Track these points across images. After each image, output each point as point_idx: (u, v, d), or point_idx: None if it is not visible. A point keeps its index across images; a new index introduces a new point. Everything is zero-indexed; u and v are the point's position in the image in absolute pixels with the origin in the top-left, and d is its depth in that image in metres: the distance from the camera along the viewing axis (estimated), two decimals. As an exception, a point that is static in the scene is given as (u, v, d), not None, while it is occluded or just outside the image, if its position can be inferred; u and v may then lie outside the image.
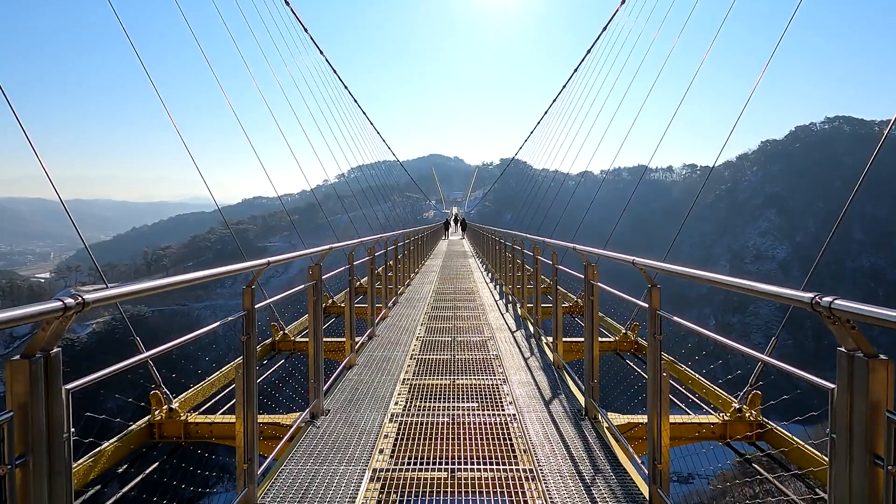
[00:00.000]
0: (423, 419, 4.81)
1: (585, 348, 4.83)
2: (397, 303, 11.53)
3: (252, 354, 3.19)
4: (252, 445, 3.23)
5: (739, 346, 2.78)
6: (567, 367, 6.32)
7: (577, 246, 4.83)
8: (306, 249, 4.87)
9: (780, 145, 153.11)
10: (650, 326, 3.17)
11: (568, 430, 4.55)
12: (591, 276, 4.76)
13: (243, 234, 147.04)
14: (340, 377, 6.07)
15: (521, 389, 5.64)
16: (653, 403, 3.19)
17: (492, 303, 11.71)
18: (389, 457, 4.10)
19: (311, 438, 4.38)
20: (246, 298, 3.16)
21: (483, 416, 4.83)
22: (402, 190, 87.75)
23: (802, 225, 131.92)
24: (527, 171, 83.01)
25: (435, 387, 5.78)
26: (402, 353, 7.21)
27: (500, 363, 6.68)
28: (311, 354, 4.77)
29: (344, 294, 10.91)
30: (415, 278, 16.52)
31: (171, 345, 2.88)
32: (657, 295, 3.17)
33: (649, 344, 3.20)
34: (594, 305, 4.76)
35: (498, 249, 15.73)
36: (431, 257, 26.14)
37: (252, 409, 3.20)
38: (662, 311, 3.12)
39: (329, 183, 29.36)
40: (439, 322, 9.46)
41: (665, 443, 3.18)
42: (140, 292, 2.25)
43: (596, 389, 4.78)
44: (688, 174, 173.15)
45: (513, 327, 9.00)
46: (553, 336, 6.63)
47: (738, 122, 9.12)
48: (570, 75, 32.72)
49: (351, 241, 6.59)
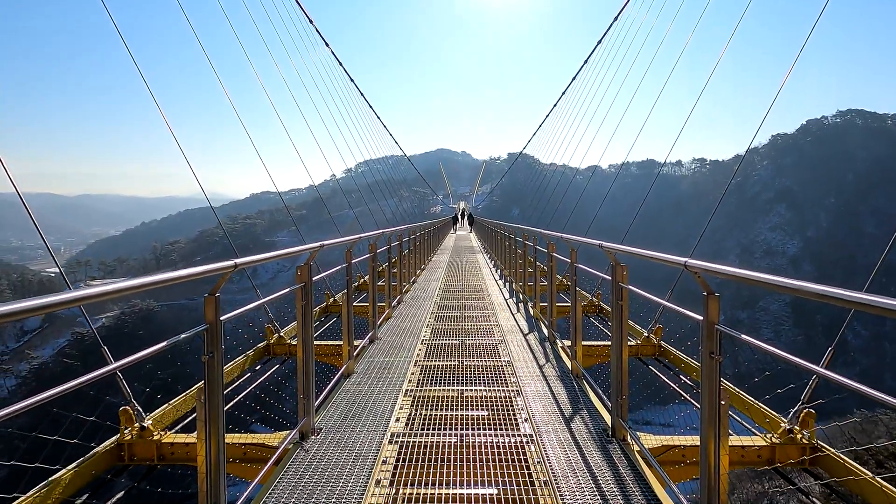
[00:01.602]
0: (428, 439, 4.22)
1: (613, 360, 4.22)
2: (402, 301, 10.94)
3: (216, 378, 2.60)
4: (216, 483, 2.65)
5: (793, 358, 2.21)
6: (587, 375, 5.72)
7: (605, 244, 4.21)
8: (297, 247, 4.28)
9: (791, 139, 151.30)
10: (706, 343, 2.56)
11: (594, 454, 3.95)
12: (620, 277, 4.15)
13: (251, 228, 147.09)
14: (336, 388, 5.49)
15: (537, 403, 5.04)
16: (709, 436, 2.58)
17: (501, 301, 11.10)
18: (388, 487, 3.52)
19: (298, 465, 3.79)
20: (208, 309, 2.57)
21: (496, 437, 4.23)
22: (409, 185, 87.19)
23: (814, 220, 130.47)
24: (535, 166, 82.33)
25: (441, 400, 5.19)
26: (406, 360, 6.62)
27: (513, 371, 6.08)
28: (299, 367, 4.19)
29: (344, 294, 10.37)
30: (421, 275, 15.93)
31: (140, 355, 2.35)
32: (716, 306, 2.56)
33: (705, 364, 2.59)
34: (623, 312, 4.15)
35: (507, 245, 15.10)
36: (439, 252, 25.55)
37: (215, 443, 2.62)
38: (722, 326, 2.51)
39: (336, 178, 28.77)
40: (446, 323, 8.87)
41: (723, 483, 2.59)
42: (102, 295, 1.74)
43: (625, 407, 4.17)
44: (697, 168, 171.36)
45: (525, 329, 8.39)
46: (571, 341, 6.02)
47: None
48: (580, 67, 32.01)
49: (348, 237, 5.98)
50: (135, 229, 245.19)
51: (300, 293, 4.15)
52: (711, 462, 2.56)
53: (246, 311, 2.99)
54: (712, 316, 2.55)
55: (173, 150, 8.68)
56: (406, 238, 12.61)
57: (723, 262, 2.59)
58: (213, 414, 2.61)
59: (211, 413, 2.60)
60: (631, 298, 4.24)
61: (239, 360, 6.84)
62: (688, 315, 2.75)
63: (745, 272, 2.28)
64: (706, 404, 2.59)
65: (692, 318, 2.69)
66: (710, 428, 2.56)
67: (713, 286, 2.64)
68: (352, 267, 6.00)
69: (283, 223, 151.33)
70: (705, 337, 2.56)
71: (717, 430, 2.54)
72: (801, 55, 8.50)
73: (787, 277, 2.05)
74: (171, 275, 2.37)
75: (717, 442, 2.55)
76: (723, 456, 2.58)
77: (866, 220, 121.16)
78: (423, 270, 16.89)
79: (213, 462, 2.59)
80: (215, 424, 2.60)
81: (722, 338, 2.52)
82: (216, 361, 2.59)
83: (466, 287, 13.27)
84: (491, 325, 8.58)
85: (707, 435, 2.59)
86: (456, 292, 12.34)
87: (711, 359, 2.54)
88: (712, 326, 2.53)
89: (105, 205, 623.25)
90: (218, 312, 2.60)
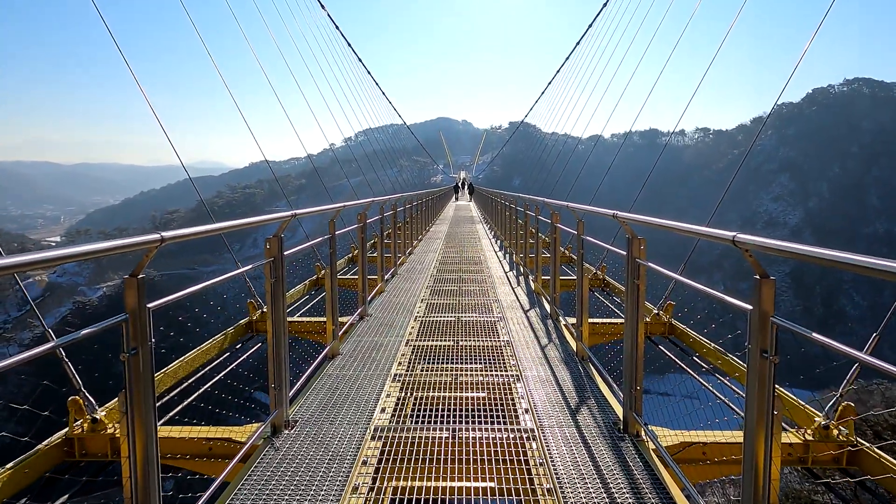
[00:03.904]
0: (416, 434, 3.73)
1: (626, 346, 3.70)
2: (396, 274, 10.42)
3: (144, 379, 2.08)
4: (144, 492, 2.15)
5: (836, 345, 1.69)
6: (593, 358, 5.22)
7: (620, 213, 3.64)
8: (265, 216, 3.71)
9: (797, 108, 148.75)
10: (757, 339, 2.03)
11: (604, 454, 3.46)
12: (637, 252, 3.60)
13: (251, 198, 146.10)
14: (318, 372, 4.99)
15: (539, 391, 4.54)
16: (756, 451, 2.07)
17: (501, 275, 10.57)
18: (367, 493, 3.04)
19: (266, 465, 3.31)
20: (129, 294, 2.03)
21: (493, 432, 3.73)
22: (409, 154, 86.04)
23: (816, 190, 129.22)
24: (536, 135, 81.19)
25: (433, 385, 4.69)
26: (397, 339, 6.12)
27: (513, 352, 5.58)
28: (270, 353, 3.67)
29: (337, 266, 9.84)
30: (418, 245, 15.39)
31: (84, 333, 1.86)
32: (771, 293, 2.02)
33: (754, 364, 2.06)
34: (640, 292, 3.61)
35: (508, 215, 14.52)
36: (438, 222, 24.96)
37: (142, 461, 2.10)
38: (779, 318, 1.97)
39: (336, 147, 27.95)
40: (442, 297, 8.35)
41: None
42: None
43: (639, 400, 3.66)
44: (701, 138, 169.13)
45: (525, 305, 7.88)
46: (577, 320, 5.51)
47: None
48: (582, 34, 30.98)
49: (330, 206, 5.40)
50: (134, 198, 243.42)
51: (269, 269, 3.61)
52: (760, 484, 2.06)
53: (185, 296, 2.45)
54: (766, 305, 2.01)
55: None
56: (401, 208, 12.02)
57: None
58: (141, 428, 2.09)
59: (138, 429, 2.08)
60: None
61: (218, 339, 6.35)
62: (734, 304, 2.20)
63: (812, 249, 1.73)
64: (753, 414, 2.07)
65: (738, 307, 2.15)
66: (760, 443, 2.05)
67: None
68: (335, 238, 5.44)
69: (281, 193, 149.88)
70: (756, 330, 2.02)
71: (769, 445, 2.03)
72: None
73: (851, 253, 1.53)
74: (86, 248, 1.83)
75: (767, 459, 2.04)
76: (774, 472, 2.07)
77: (869, 190, 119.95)
78: (420, 241, 16.35)
79: (139, 483, 2.09)
80: (143, 441, 2.09)
81: (778, 332, 1.99)
82: (142, 360, 2.06)
83: (465, 259, 12.73)
84: (490, 301, 8.07)
85: (754, 450, 2.08)
86: (454, 264, 11.81)
87: (764, 359, 2.00)
88: (766, 318, 2.00)
89: (104, 173, 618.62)
90: (142, 299, 2.06)
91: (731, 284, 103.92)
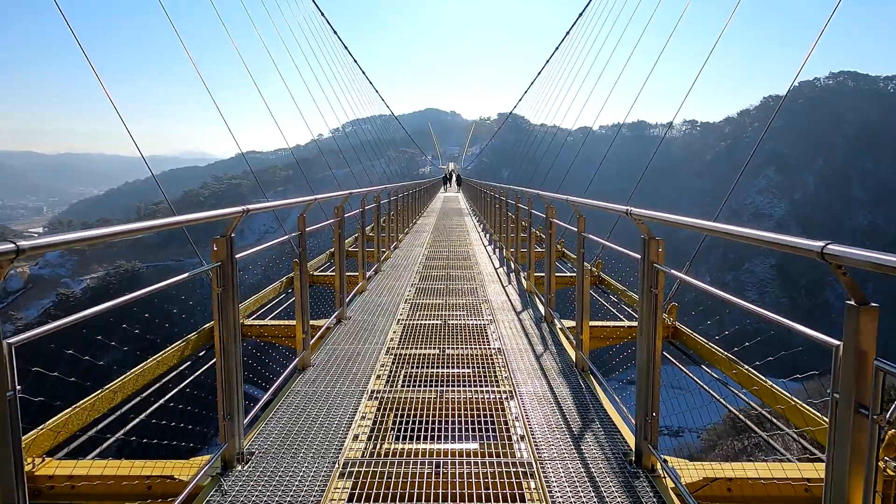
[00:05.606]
0: (394, 468, 3.16)
1: (639, 364, 3.16)
2: (380, 271, 9.81)
3: None
4: None
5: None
6: (595, 370, 4.68)
7: (634, 210, 3.07)
8: (213, 211, 3.10)
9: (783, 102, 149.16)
10: (849, 390, 1.47)
11: (615, 494, 2.91)
12: (655, 255, 3.05)
13: (236, 188, 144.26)
14: (286, 386, 4.41)
15: (535, 412, 3.98)
16: None
17: (491, 272, 10.01)
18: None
19: (210, 515, 2.73)
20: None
21: (485, 467, 3.17)
22: (397, 145, 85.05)
23: (802, 183, 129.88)
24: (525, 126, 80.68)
25: (416, 404, 4.12)
26: (377, 345, 5.53)
27: (506, 363, 5.01)
28: (219, 376, 3.07)
29: (317, 260, 9.22)
30: (404, 239, 14.78)
31: None
32: (872, 326, 1.46)
33: (841, 427, 1.50)
34: (658, 302, 3.06)
35: (497, 208, 13.95)
36: (425, 214, 24.33)
37: None
38: (885, 362, 1.42)
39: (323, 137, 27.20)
40: (428, 297, 7.77)
41: None
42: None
43: (655, 428, 3.12)
44: (688, 130, 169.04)
45: (518, 306, 7.32)
46: (577, 325, 4.95)
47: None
48: (572, 24, 30.40)
49: (299, 199, 4.77)
50: (118, 189, 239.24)
51: (216, 276, 3.01)
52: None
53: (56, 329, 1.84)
54: (865, 343, 1.45)
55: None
56: (385, 200, 11.40)
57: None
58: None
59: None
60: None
61: (179, 345, 5.72)
62: (816, 337, 1.64)
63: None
64: (844, 491, 1.52)
65: (821, 342, 1.59)
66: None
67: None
68: (305, 235, 4.81)
69: (269, 183, 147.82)
70: (849, 377, 1.46)
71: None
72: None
73: None
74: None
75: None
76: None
77: (854, 183, 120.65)
78: (406, 234, 15.74)
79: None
80: None
81: (886, 382, 1.43)
82: None
83: (453, 254, 12.15)
84: (479, 301, 7.50)
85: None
86: (441, 260, 11.22)
87: (862, 416, 1.44)
88: (865, 361, 1.43)
89: (88, 164, 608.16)
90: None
91: (716, 276, 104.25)
